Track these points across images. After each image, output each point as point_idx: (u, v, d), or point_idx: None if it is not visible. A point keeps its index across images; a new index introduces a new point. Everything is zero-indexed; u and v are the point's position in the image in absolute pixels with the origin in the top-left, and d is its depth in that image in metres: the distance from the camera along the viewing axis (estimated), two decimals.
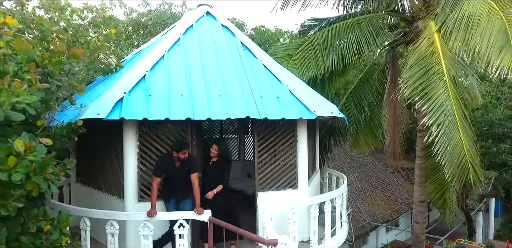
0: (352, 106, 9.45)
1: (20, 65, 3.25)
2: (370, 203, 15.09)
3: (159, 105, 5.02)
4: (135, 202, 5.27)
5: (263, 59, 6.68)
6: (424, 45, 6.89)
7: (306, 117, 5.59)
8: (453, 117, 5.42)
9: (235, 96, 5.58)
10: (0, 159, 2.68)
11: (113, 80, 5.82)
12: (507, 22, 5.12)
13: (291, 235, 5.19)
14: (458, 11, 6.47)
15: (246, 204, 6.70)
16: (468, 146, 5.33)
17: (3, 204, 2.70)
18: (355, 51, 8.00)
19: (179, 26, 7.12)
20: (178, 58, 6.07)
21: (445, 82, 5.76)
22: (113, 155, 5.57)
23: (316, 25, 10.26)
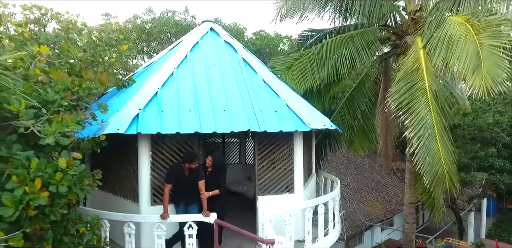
0: (346, 113, 10.08)
1: (58, 94, 3.89)
2: (365, 203, 15.74)
3: (170, 120, 5.66)
4: (148, 205, 5.92)
5: (262, 74, 7.31)
6: (410, 61, 7.51)
7: (301, 130, 6.22)
8: (432, 130, 6.06)
9: (238, 110, 6.22)
10: (49, 175, 3.33)
11: (127, 94, 6.46)
12: (480, 47, 5.72)
13: (287, 235, 5.84)
14: (441, 30, 7.08)
15: (247, 206, 7.35)
16: (445, 156, 5.98)
17: (52, 211, 3.34)
18: (348, 65, 8.62)
19: (186, 42, 7.76)
20: (186, 75, 6.70)
21: (427, 98, 6.39)
22: (127, 163, 6.21)
23: (313, 36, 10.86)
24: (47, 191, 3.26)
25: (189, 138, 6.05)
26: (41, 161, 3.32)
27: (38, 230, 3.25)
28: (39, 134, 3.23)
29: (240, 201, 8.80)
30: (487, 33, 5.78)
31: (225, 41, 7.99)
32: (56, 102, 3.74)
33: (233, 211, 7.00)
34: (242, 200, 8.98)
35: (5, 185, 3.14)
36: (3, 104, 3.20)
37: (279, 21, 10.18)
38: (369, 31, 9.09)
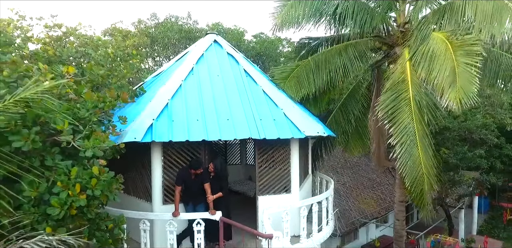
0: (341, 118, 10.77)
1: (89, 111, 4.60)
2: (360, 201, 16.48)
3: (180, 129, 6.37)
4: (160, 204, 6.64)
5: (262, 85, 8.01)
6: (398, 72, 8.21)
7: (297, 137, 6.94)
8: (414, 137, 6.76)
9: (240, 119, 6.92)
10: (86, 181, 4.04)
11: (139, 104, 7.14)
12: (456, 63, 6.40)
13: (284, 231, 6.56)
14: (425, 44, 7.75)
15: (248, 205, 8.07)
16: (425, 161, 6.69)
17: (89, 210, 4.06)
18: (342, 74, 9.30)
19: (192, 54, 8.45)
20: (193, 86, 7.40)
21: (410, 108, 7.09)
22: (141, 167, 6.93)
23: (310, 43, 11.54)
24: (85, 194, 3.98)
25: (197, 144, 6.76)
26: (79, 170, 4.03)
27: (78, 226, 3.96)
28: (79, 147, 3.94)
29: (241, 200, 9.52)
30: (462, 51, 6.46)
31: (228, 53, 8.69)
32: (87, 118, 4.45)
33: (235, 210, 7.72)
34: (244, 199, 9.69)
35: (52, 189, 3.86)
36: (50, 123, 3.91)
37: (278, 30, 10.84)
38: (361, 42, 9.75)
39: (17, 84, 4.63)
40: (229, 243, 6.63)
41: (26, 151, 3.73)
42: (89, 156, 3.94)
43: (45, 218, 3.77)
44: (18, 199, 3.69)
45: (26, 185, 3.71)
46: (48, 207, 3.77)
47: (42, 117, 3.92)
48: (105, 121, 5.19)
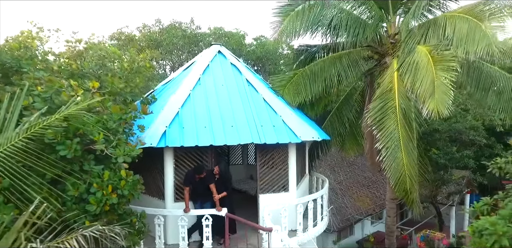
0: (336, 121, 11.56)
1: (115, 123, 5.40)
2: (356, 199, 17.30)
3: (190, 135, 7.16)
4: (172, 202, 7.46)
5: (263, 93, 8.80)
6: (386, 81, 8.98)
7: (294, 142, 7.74)
8: (398, 142, 7.56)
9: (243, 125, 7.72)
10: (117, 182, 4.85)
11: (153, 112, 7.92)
12: (435, 76, 7.18)
13: (282, 225, 7.36)
14: (412, 56, 8.53)
15: (250, 202, 8.88)
16: (408, 163, 7.49)
17: (119, 207, 4.87)
18: (337, 82, 10.08)
19: (198, 65, 9.25)
20: (200, 96, 8.19)
21: (396, 115, 7.89)
22: (155, 168, 7.73)
23: (307, 50, 12.27)
24: (116, 193, 4.79)
25: (204, 148, 7.56)
26: (110, 173, 4.84)
27: (110, 220, 4.77)
28: (111, 155, 4.75)
29: (244, 198, 10.32)
30: (441, 66, 7.24)
31: (231, 63, 9.47)
32: (115, 129, 5.26)
33: (238, 207, 8.51)
34: (246, 197, 10.50)
35: (89, 189, 4.66)
36: (87, 135, 4.71)
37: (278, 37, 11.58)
38: (355, 51, 10.51)
39: (52, 98, 5.45)
40: (233, 236, 7.44)
41: (69, 158, 4.53)
42: (120, 162, 4.75)
43: (84, 213, 4.57)
44: (62, 198, 4.51)
45: (70, 186, 4.52)
46: (87, 204, 4.58)
47: (80, 130, 4.72)
48: (126, 129, 6.00)
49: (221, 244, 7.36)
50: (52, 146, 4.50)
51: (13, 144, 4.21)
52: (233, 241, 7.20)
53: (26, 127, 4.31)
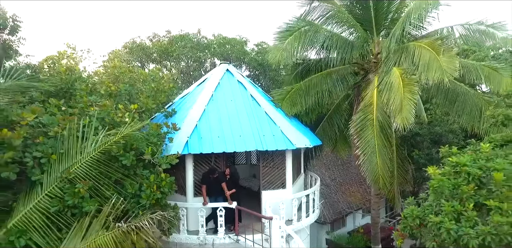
0: (328, 128, 13.36)
1: (156, 137, 7.21)
2: (348, 194, 19.16)
3: (206, 144, 8.96)
4: (192, 197, 9.29)
5: (265, 107, 10.59)
6: (368, 96, 10.76)
7: (290, 148, 9.55)
8: (374, 149, 9.36)
9: (248, 135, 9.52)
10: (158, 182, 6.68)
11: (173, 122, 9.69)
12: (403, 96, 8.94)
13: (281, 216, 9.15)
14: (388, 76, 10.28)
15: (253, 198, 10.70)
16: (381, 166, 9.29)
17: (162, 201, 6.69)
18: (328, 95, 11.85)
19: (210, 82, 11.00)
20: (213, 110, 9.98)
21: (373, 126, 9.67)
22: (178, 170, 9.53)
23: (303, 63, 13.98)
24: (159, 191, 6.61)
25: (217, 154, 9.37)
26: (154, 176, 6.66)
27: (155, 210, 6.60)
28: (156, 163, 6.57)
29: (248, 194, 12.14)
30: (408, 88, 9.02)
31: (238, 81, 11.25)
32: (157, 142, 7.07)
33: (244, 201, 10.32)
34: (249, 192, 12.33)
35: (141, 188, 6.49)
36: (139, 149, 6.53)
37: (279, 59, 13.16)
38: (343, 68, 12.28)
39: (104, 119, 7.24)
40: (241, 224, 9.27)
41: (128, 165, 6.35)
42: (163, 168, 6.58)
43: (138, 205, 6.40)
44: (123, 194, 6.33)
45: (128, 186, 6.35)
46: (140, 199, 6.41)
47: (134, 145, 6.53)
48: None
49: (231, 230, 9.20)
50: (116, 157, 6.31)
51: (91, 156, 6.03)
52: (241, 228, 9.04)
53: (99, 145, 6.12)
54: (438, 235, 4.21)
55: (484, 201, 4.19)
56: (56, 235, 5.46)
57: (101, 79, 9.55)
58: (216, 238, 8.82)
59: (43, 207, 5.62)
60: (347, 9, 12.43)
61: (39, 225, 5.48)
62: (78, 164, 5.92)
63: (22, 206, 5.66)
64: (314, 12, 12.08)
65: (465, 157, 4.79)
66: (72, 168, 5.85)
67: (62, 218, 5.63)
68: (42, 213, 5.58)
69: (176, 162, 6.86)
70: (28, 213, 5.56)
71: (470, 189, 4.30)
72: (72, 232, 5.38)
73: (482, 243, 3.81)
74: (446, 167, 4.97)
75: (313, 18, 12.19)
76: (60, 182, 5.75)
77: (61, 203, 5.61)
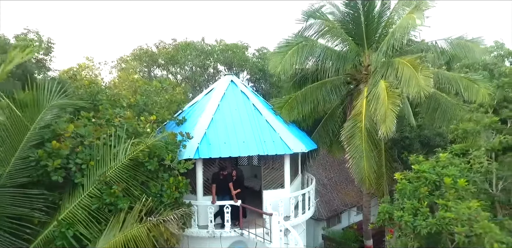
0: (323, 132, 14.60)
1: (173, 146, 8.46)
2: (343, 193, 20.44)
3: (214, 149, 10.22)
4: (202, 196, 10.55)
5: (265, 115, 11.84)
6: (358, 105, 12.01)
7: (287, 153, 10.81)
8: (362, 154, 10.62)
9: (251, 141, 10.77)
10: (176, 184, 7.95)
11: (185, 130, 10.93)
12: (387, 108, 10.17)
13: (280, 212, 10.42)
14: (376, 88, 11.51)
15: (255, 196, 11.97)
16: (368, 169, 10.55)
17: (180, 199, 7.96)
18: (322, 103, 13.09)
19: (217, 92, 12.25)
20: (220, 119, 11.23)
21: (361, 133, 10.92)
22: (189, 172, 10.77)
23: (301, 72, 15.19)
24: (178, 191, 7.88)
25: (224, 159, 10.63)
26: (174, 178, 7.92)
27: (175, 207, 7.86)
28: (174, 167, 7.83)
29: (250, 193, 13.39)
30: (391, 100, 10.26)
31: (241, 91, 12.49)
32: (174, 150, 8.32)
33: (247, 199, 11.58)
34: (251, 192, 13.58)
35: (162, 188, 7.74)
36: (161, 156, 7.79)
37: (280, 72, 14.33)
38: (337, 79, 13.52)
39: (128, 129, 8.48)
40: (244, 219, 10.53)
41: (152, 170, 7.61)
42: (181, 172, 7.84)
43: (160, 203, 7.66)
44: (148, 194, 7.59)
45: (152, 187, 7.62)
46: (162, 198, 7.67)
47: (156, 153, 7.78)
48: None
49: (236, 225, 10.47)
50: (142, 163, 7.56)
51: (122, 163, 7.29)
52: (245, 223, 10.32)
53: (129, 153, 7.37)
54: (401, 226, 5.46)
55: (435, 200, 5.44)
56: (97, 227, 6.72)
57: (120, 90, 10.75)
58: (223, 232, 10.10)
59: (85, 204, 6.88)
60: (340, 24, 13.68)
61: (83, 219, 6.75)
62: (112, 169, 7.17)
63: (67, 204, 6.93)
64: (310, 28, 13.34)
65: (425, 165, 6.04)
66: (107, 172, 7.10)
67: (101, 213, 6.89)
68: (84, 209, 6.84)
69: (191, 167, 8.12)
70: (73, 210, 6.82)
71: (425, 191, 5.55)
72: (110, 225, 6.64)
73: (430, 231, 5.05)
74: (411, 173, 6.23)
75: (309, 33, 13.46)
76: (98, 184, 7.00)
77: (100, 201, 6.88)
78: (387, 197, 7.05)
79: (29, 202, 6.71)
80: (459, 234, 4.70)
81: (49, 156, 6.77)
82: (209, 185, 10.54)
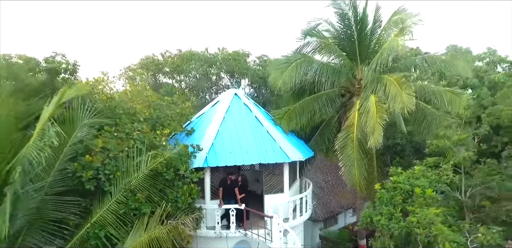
0: (319, 140, 15.79)
1: (186, 157, 9.68)
2: (340, 195, 21.61)
3: (221, 158, 11.42)
4: (209, 200, 11.75)
5: (266, 126, 13.04)
6: (350, 117, 13.20)
7: (286, 161, 12.01)
8: (353, 162, 11.82)
9: (253, 150, 11.97)
10: (190, 191, 9.16)
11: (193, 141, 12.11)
12: (376, 121, 11.36)
13: (279, 215, 11.62)
14: (367, 102, 12.70)
15: (257, 200, 13.16)
16: (358, 175, 11.75)
17: (192, 204, 9.16)
18: (319, 114, 14.28)
19: (222, 104, 13.44)
20: (225, 130, 12.42)
21: (353, 144, 12.12)
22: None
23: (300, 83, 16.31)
24: (190, 197, 9.08)
25: (229, 167, 11.83)
26: (187, 186, 9.12)
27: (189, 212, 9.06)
28: (187, 177, 9.03)
29: (252, 197, 14.58)
30: (379, 115, 11.46)
31: (244, 104, 13.69)
32: (187, 161, 9.52)
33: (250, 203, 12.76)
34: (254, 196, 14.76)
35: (177, 195, 8.94)
36: (176, 166, 8.98)
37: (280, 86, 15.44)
38: (332, 91, 14.72)
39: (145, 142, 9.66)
40: (248, 221, 11.72)
41: (169, 179, 8.81)
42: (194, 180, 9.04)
43: (176, 208, 8.85)
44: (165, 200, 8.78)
45: (169, 193, 8.82)
46: (177, 203, 8.87)
47: (173, 164, 8.98)
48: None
49: (240, 226, 11.66)
50: (160, 173, 8.75)
51: (144, 173, 8.48)
52: (248, 224, 11.51)
53: (149, 165, 8.57)
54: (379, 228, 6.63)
55: (407, 207, 6.61)
56: (124, 229, 7.90)
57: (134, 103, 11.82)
58: (229, 232, 11.30)
59: (113, 209, 8.06)
60: (335, 41, 14.92)
61: (112, 222, 7.93)
62: (135, 178, 8.37)
63: (98, 209, 8.11)
64: (308, 45, 14.58)
65: (402, 177, 7.24)
66: (131, 181, 8.30)
67: (127, 217, 8.08)
68: (113, 214, 8.02)
69: (203, 177, 9.33)
70: (103, 214, 8.00)
71: (399, 199, 6.73)
72: (136, 227, 7.83)
73: (401, 233, 6.22)
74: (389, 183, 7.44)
75: (307, 50, 14.71)
76: (124, 192, 8.19)
77: (126, 207, 8.07)
78: (371, 203, 8.24)
79: (66, 207, 7.90)
80: (420, 235, 5.89)
81: (83, 168, 7.97)
82: (216, 190, 11.73)
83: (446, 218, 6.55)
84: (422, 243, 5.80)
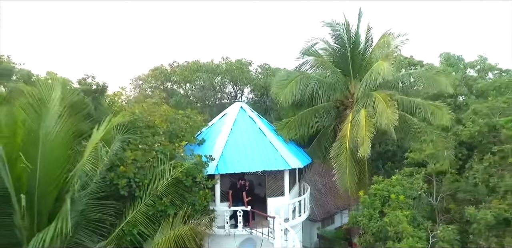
0: (317, 148, 17.44)
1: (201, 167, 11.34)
2: (336, 196, 23.23)
3: (229, 166, 13.06)
4: (219, 202, 13.40)
5: (269, 136, 14.69)
6: (344, 128, 14.85)
7: (287, 168, 13.66)
8: (345, 169, 13.46)
9: (258, 159, 13.61)
10: (205, 196, 10.82)
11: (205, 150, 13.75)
12: (365, 134, 12.98)
13: (281, 215, 13.26)
14: (358, 115, 14.34)
15: (261, 202, 14.81)
16: (350, 180, 13.39)
17: (207, 207, 10.81)
18: (316, 125, 15.92)
19: (229, 117, 15.10)
20: (233, 141, 14.07)
21: (346, 152, 13.76)
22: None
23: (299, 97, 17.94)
24: (205, 201, 10.73)
25: (237, 173, 13.48)
26: (203, 192, 10.77)
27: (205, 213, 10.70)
28: (206, 184, 10.68)
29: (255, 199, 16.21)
30: (368, 128, 13.09)
31: (249, 116, 15.35)
32: (201, 171, 11.17)
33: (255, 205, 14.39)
34: (257, 198, 16.40)
35: (195, 199, 10.60)
36: (194, 175, 10.64)
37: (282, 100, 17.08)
38: (328, 104, 16.36)
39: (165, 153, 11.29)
40: (253, 221, 13.36)
41: (188, 186, 10.45)
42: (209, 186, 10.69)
43: (194, 210, 10.48)
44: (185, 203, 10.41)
45: (188, 198, 10.47)
46: (195, 206, 10.52)
47: (191, 172, 10.62)
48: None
49: (247, 226, 13.30)
50: (180, 180, 10.38)
51: (168, 181, 10.13)
52: (253, 224, 13.16)
53: (172, 174, 10.21)
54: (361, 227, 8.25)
55: (385, 210, 8.24)
56: (153, 227, 9.54)
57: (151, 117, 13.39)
58: (237, 231, 12.96)
59: (143, 211, 9.69)
60: (330, 59, 16.58)
61: (142, 221, 9.58)
62: (160, 185, 10.01)
63: (130, 210, 9.75)
64: (306, 63, 16.24)
65: (381, 184, 8.89)
66: (157, 187, 9.94)
67: (155, 217, 9.72)
68: (143, 215, 9.66)
69: (216, 183, 10.97)
70: (135, 215, 9.64)
71: (378, 203, 8.35)
72: (162, 225, 9.47)
73: (378, 230, 7.84)
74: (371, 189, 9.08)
75: (305, 68, 16.39)
76: (152, 196, 9.84)
77: (154, 209, 9.71)
78: (356, 206, 9.88)
79: (104, 209, 9.54)
80: (391, 232, 7.52)
81: (118, 177, 9.62)
82: (225, 194, 13.39)
83: (416, 218, 8.16)
84: (393, 238, 7.41)
